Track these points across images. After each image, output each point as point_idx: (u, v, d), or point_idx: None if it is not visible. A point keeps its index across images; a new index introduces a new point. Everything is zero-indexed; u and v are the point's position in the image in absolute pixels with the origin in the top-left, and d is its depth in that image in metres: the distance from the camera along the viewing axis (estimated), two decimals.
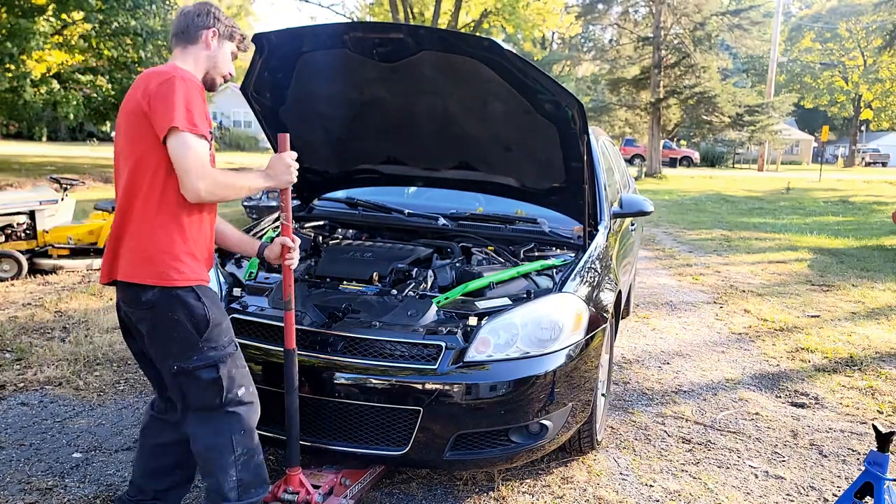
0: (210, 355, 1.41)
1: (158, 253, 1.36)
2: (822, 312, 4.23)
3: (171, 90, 1.33)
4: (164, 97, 1.33)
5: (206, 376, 1.41)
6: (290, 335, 1.58)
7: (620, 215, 2.71)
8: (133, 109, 1.37)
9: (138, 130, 1.36)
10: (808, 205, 11.76)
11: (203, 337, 1.39)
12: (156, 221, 1.37)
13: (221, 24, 1.51)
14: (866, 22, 29.33)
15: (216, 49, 1.51)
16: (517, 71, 1.84)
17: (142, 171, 1.37)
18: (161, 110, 1.32)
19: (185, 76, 1.38)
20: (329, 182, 2.67)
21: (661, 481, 2.07)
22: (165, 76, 1.36)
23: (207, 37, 1.49)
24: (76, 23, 11.65)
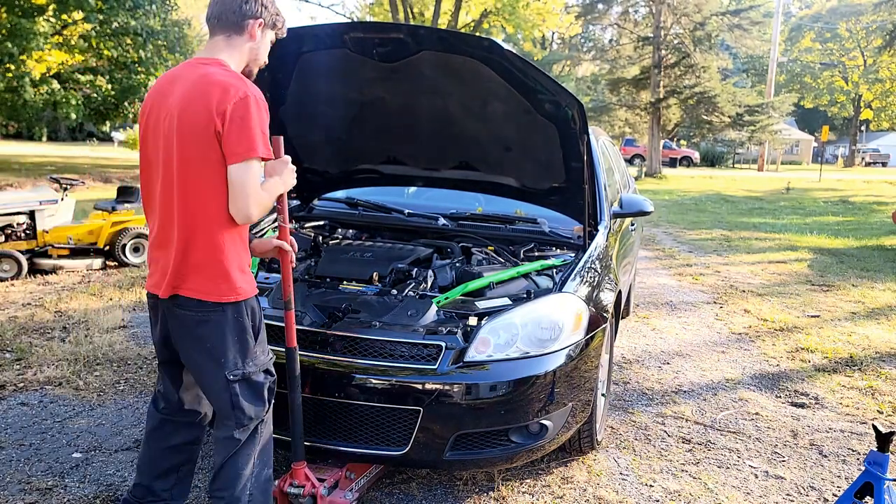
0: (261, 360, 1.45)
1: (230, 270, 1.35)
2: (822, 312, 4.23)
3: (248, 113, 1.26)
4: (241, 120, 1.26)
5: (259, 380, 1.43)
6: (291, 334, 1.59)
7: (620, 215, 2.71)
8: (201, 123, 1.28)
9: (206, 146, 1.28)
10: (808, 205, 11.76)
11: (257, 344, 1.43)
12: (223, 239, 1.34)
13: (268, 13, 1.40)
14: (866, 22, 29.34)
15: (260, 40, 1.41)
16: (517, 71, 1.85)
17: (209, 187, 1.31)
18: (237, 134, 1.26)
19: (258, 95, 1.30)
20: (329, 182, 2.67)
21: (661, 481, 2.07)
22: (239, 93, 1.27)
23: (254, 27, 1.38)
24: (76, 23, 11.65)
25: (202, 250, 1.35)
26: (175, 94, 1.33)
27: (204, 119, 1.28)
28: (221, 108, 1.27)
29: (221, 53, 1.39)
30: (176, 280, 1.37)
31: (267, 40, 1.44)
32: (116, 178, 11.83)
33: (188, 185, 1.33)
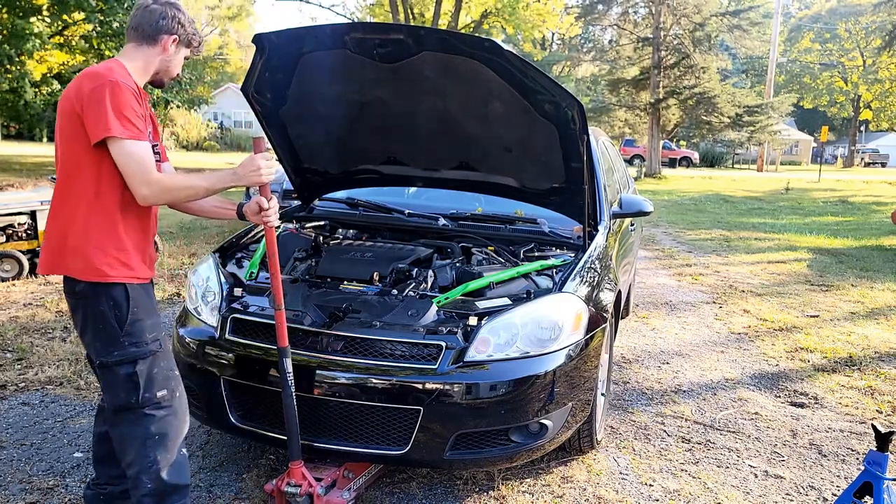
0: (130, 350, 1.41)
1: (92, 249, 1.38)
2: (821, 312, 4.23)
3: (102, 96, 1.33)
4: (96, 103, 1.34)
5: (122, 372, 1.41)
6: (283, 334, 1.60)
7: (620, 215, 2.71)
8: (67, 111, 1.38)
9: (72, 131, 1.38)
10: (808, 205, 11.77)
11: (123, 331, 1.41)
12: (90, 220, 1.39)
13: (184, 30, 1.49)
14: (865, 22, 29.36)
15: (172, 55, 1.50)
16: (517, 71, 1.85)
17: (76, 170, 1.39)
18: (94, 116, 1.34)
19: (116, 80, 1.36)
20: (330, 182, 2.68)
21: (661, 481, 2.08)
22: (97, 81, 1.35)
23: (168, 42, 1.47)
24: (77, 23, 11.66)
25: (70, 229, 1.40)
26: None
27: (69, 105, 1.38)
28: (81, 94, 1.36)
29: (124, 57, 1.48)
30: (50, 256, 1.44)
31: (180, 56, 1.53)
32: None
33: (64, 167, 1.42)
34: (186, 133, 23.53)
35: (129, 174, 1.36)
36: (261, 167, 1.48)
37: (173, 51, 1.49)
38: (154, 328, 1.46)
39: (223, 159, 20.43)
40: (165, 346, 1.49)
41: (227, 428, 1.89)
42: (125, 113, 1.35)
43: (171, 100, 12.84)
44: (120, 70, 1.41)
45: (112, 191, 1.39)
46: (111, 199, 1.39)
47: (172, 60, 1.51)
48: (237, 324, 1.88)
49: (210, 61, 22.07)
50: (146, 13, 1.46)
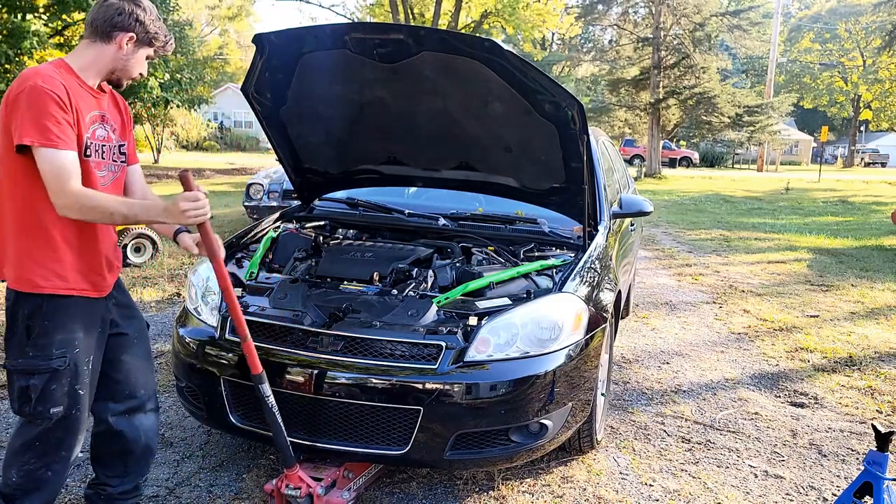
0: (31, 362, 1.37)
1: (25, 259, 1.35)
2: (821, 312, 4.23)
3: (21, 102, 1.28)
4: (16, 108, 1.29)
5: (19, 381, 1.37)
6: (254, 363, 1.55)
7: (620, 215, 2.71)
8: (1, 113, 1.34)
9: (3, 134, 1.33)
10: (808, 205, 11.77)
11: (30, 342, 1.37)
12: (22, 228, 1.35)
13: (142, 28, 1.39)
14: (865, 22, 29.36)
15: (129, 53, 1.41)
16: (517, 71, 1.85)
17: (6, 176, 1.35)
18: (15, 122, 1.29)
19: (36, 84, 1.29)
20: (330, 182, 2.68)
21: (661, 480, 2.08)
22: (21, 85, 1.29)
23: (122, 40, 1.39)
24: (77, 23, 11.64)
25: (8, 238, 1.37)
26: None
27: (2, 108, 1.34)
28: (8, 98, 1.32)
29: (73, 54, 1.41)
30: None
31: (140, 56, 1.44)
32: None
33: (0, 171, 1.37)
34: (186, 133, 23.53)
35: (45, 183, 1.29)
36: (185, 210, 1.36)
37: (130, 49, 1.41)
38: (64, 344, 1.38)
39: (223, 159, 20.43)
40: (78, 365, 1.41)
41: (227, 428, 1.89)
42: (42, 120, 1.27)
43: (171, 99, 12.84)
44: (51, 71, 1.33)
45: (44, 199, 1.31)
46: (42, 206, 1.32)
47: (130, 60, 1.42)
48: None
49: (210, 61, 22.08)
50: (103, 7, 1.38)
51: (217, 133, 28.31)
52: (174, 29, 13.06)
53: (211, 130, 26.90)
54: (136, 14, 1.39)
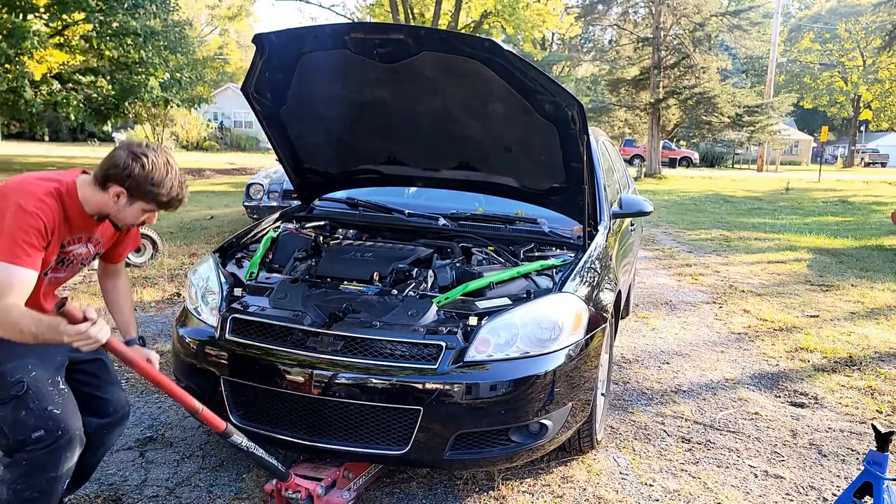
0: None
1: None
2: (821, 312, 4.23)
3: (9, 213, 1.29)
4: (2, 213, 1.30)
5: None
6: (216, 423, 1.52)
7: (620, 215, 2.71)
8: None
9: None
10: (808, 205, 11.77)
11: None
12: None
13: (135, 184, 1.36)
14: (865, 22, 29.36)
15: (122, 205, 1.40)
16: (517, 71, 1.85)
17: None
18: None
19: (32, 210, 1.30)
20: (330, 182, 2.68)
21: (661, 480, 2.08)
22: (16, 197, 1.30)
23: (114, 191, 1.38)
24: (77, 23, 11.65)
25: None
26: None
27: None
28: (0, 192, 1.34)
29: (83, 182, 1.41)
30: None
31: (135, 208, 1.42)
32: None
33: None
34: (186, 133, 23.55)
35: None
36: (74, 343, 1.27)
37: (123, 202, 1.39)
38: (18, 370, 1.38)
39: (223, 159, 20.43)
40: (41, 386, 1.40)
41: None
42: (17, 239, 1.28)
43: (171, 99, 12.84)
44: (49, 196, 1.34)
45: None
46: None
47: (123, 211, 1.41)
48: (237, 324, 1.88)
49: (210, 61, 22.08)
50: (110, 156, 1.38)
51: (217, 133, 28.31)
52: (175, 29, 13.08)
53: (211, 130, 26.92)
54: (132, 169, 1.36)
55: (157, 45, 12.16)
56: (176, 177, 1.41)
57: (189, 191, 1.48)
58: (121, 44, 11.94)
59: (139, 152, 1.38)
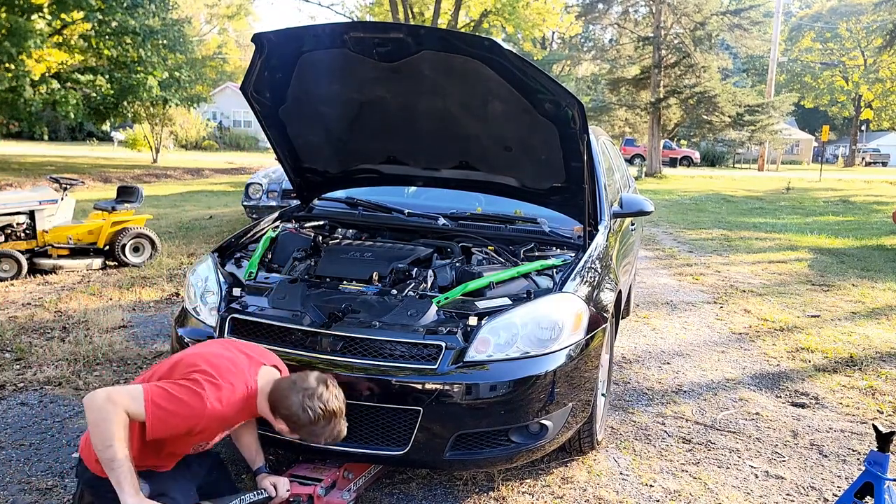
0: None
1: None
2: (822, 312, 4.22)
3: (185, 395, 1.36)
4: (177, 388, 1.37)
5: None
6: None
7: (620, 215, 2.70)
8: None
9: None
10: (809, 205, 11.76)
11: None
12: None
13: (299, 427, 1.47)
14: (866, 22, 29.33)
15: (283, 430, 1.51)
16: (517, 71, 1.84)
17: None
18: (164, 385, 1.39)
19: (211, 408, 1.37)
20: (329, 182, 2.67)
21: (662, 481, 2.07)
22: (199, 387, 1.38)
23: (280, 423, 1.49)
24: (76, 22, 11.64)
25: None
26: None
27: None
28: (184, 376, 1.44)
29: (262, 393, 1.50)
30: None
31: (280, 425, 1.52)
32: (116, 178, 11.83)
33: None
34: (185, 132, 23.52)
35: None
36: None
37: (285, 429, 1.51)
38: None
39: (222, 158, 20.43)
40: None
41: None
42: (171, 409, 1.35)
43: (170, 98, 12.83)
44: (239, 409, 1.43)
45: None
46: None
47: (282, 430, 1.52)
48: (236, 324, 1.88)
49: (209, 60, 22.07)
50: (286, 395, 1.45)
51: (216, 132, 28.31)
52: (173, 27, 13.06)
53: (210, 130, 26.90)
54: (299, 418, 1.44)
55: (155, 43, 12.16)
56: (337, 426, 1.50)
57: (344, 425, 1.53)
58: (119, 43, 11.92)
59: (309, 406, 1.45)
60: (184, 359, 1.48)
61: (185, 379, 1.40)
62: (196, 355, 1.49)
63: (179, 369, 1.45)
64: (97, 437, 1.32)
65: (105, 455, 1.32)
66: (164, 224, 6.87)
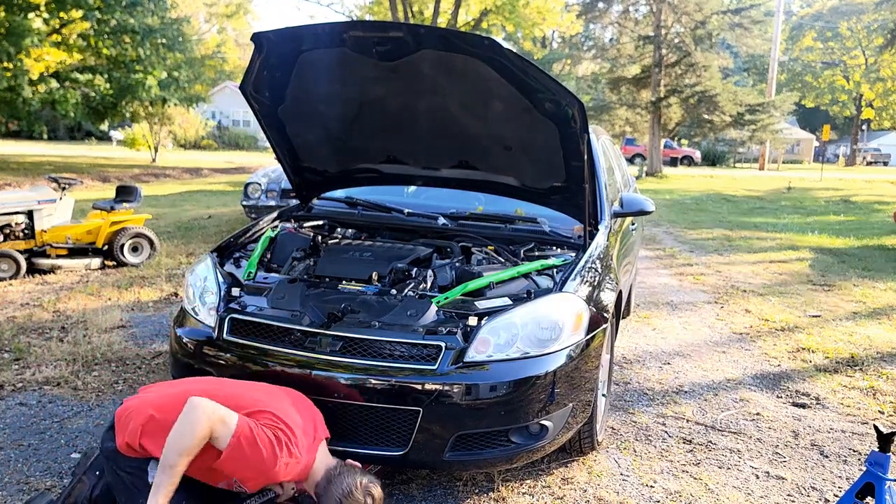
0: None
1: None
2: (823, 312, 4.22)
3: (261, 445, 1.41)
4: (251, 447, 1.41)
5: None
6: None
7: (621, 215, 2.69)
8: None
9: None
10: (810, 204, 11.75)
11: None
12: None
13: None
14: (867, 21, 29.29)
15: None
16: (517, 70, 1.83)
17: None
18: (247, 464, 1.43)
19: (277, 471, 1.41)
20: (328, 181, 2.66)
21: (662, 482, 2.06)
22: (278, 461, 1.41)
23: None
24: (74, 21, 11.63)
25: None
26: None
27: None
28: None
29: (318, 471, 1.55)
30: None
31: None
32: (115, 178, 11.82)
33: None
34: (184, 132, 23.52)
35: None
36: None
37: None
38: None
39: (221, 158, 20.42)
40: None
41: None
42: (257, 455, 1.39)
43: (169, 98, 12.83)
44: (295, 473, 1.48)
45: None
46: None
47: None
48: (235, 324, 1.87)
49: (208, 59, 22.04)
50: (350, 496, 1.47)
51: (215, 132, 28.31)
52: (172, 26, 13.04)
53: (209, 129, 26.89)
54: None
55: (154, 42, 12.14)
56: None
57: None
58: (118, 42, 11.91)
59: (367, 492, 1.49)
60: (270, 404, 1.50)
61: (271, 430, 1.43)
62: (281, 409, 1.51)
63: (263, 414, 1.46)
64: (177, 440, 1.37)
65: (170, 459, 1.37)
66: (163, 224, 6.86)
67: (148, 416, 1.49)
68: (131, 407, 1.53)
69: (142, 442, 1.48)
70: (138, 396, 1.60)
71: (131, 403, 1.55)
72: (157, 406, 1.51)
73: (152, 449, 1.47)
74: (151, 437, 1.47)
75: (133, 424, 1.49)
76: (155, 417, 1.48)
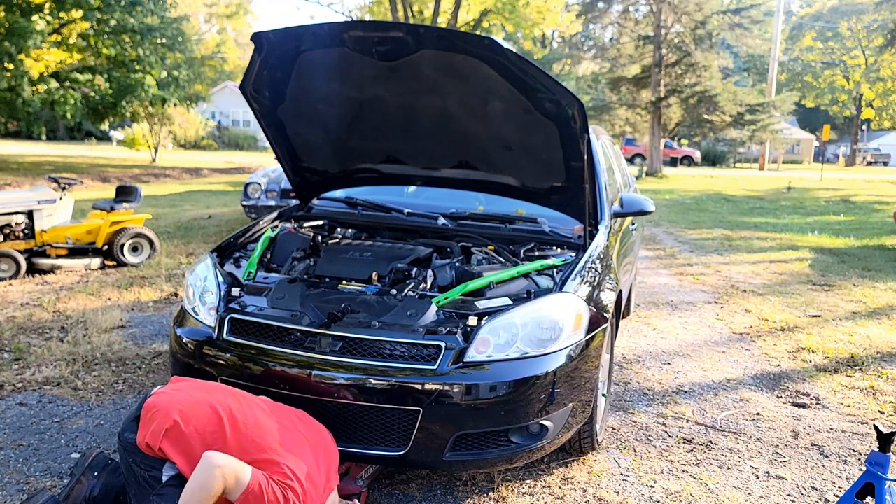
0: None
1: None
2: (823, 312, 4.22)
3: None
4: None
5: None
6: None
7: (621, 214, 2.69)
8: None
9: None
10: (810, 204, 11.75)
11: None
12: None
13: None
14: (867, 21, 29.29)
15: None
16: (517, 70, 1.83)
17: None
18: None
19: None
20: (328, 181, 2.66)
21: (662, 482, 2.06)
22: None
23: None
24: (75, 21, 11.63)
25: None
26: None
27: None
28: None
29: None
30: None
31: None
32: (115, 178, 11.82)
33: None
34: (184, 132, 23.50)
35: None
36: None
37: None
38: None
39: (221, 158, 20.41)
40: None
41: None
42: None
43: (168, 98, 12.82)
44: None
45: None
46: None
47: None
48: (235, 324, 1.87)
49: (208, 59, 22.06)
50: None
51: (215, 132, 28.31)
52: (172, 26, 13.03)
53: (209, 129, 26.88)
54: None
55: (154, 42, 12.14)
56: None
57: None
58: (118, 41, 11.90)
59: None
60: (286, 455, 1.50)
61: (281, 487, 1.44)
62: (297, 461, 1.50)
63: (278, 468, 1.47)
64: (193, 494, 1.41)
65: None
66: (163, 224, 6.86)
67: (173, 422, 1.49)
68: (159, 404, 1.53)
69: (162, 446, 1.49)
70: (167, 392, 1.58)
71: (160, 399, 1.54)
72: (182, 412, 1.51)
73: (171, 454, 1.48)
74: (172, 443, 1.49)
75: (156, 426, 1.49)
76: (178, 425, 1.49)
